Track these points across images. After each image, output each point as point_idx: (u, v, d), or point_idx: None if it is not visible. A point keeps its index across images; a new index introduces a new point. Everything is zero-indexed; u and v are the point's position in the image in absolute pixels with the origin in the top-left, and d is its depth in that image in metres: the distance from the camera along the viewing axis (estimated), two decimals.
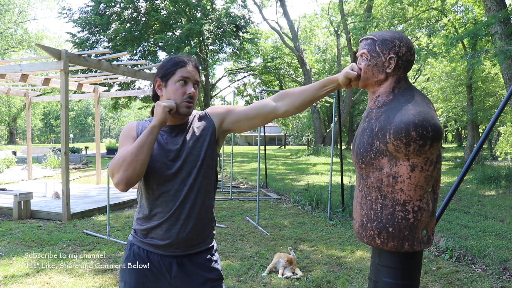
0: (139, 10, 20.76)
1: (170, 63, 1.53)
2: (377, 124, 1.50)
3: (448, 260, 4.07)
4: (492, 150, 18.11)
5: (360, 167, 1.57)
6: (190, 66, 1.53)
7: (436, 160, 1.46)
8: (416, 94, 1.52)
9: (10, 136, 42.81)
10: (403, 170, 1.43)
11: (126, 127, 1.58)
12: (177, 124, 1.56)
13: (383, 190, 1.48)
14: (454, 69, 19.55)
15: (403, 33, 1.58)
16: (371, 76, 1.55)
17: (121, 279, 1.57)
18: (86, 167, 15.50)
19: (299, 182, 10.74)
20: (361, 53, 1.57)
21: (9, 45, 30.57)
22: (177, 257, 1.53)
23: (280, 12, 39.08)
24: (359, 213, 1.60)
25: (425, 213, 1.47)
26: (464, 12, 16.91)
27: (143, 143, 1.40)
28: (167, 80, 1.52)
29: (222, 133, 1.61)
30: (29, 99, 10.60)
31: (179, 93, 1.50)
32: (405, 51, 1.52)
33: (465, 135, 35.70)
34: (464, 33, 8.94)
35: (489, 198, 7.89)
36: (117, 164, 1.39)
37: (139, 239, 1.55)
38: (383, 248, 1.51)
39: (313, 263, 4.00)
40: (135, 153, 1.38)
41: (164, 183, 1.49)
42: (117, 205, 6.95)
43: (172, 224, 1.49)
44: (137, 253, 1.54)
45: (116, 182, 1.39)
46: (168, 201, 1.49)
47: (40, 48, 6.78)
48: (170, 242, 1.50)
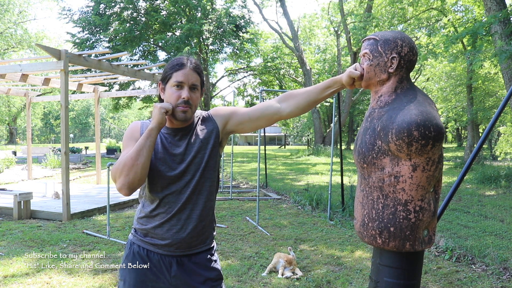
0: (139, 10, 20.76)
1: (169, 66, 1.53)
2: (379, 124, 1.50)
3: (448, 260, 4.07)
4: (492, 150, 18.11)
5: (362, 166, 1.57)
6: (187, 69, 1.50)
7: (438, 160, 1.46)
8: (419, 94, 1.52)
9: (10, 136, 42.81)
10: (405, 170, 1.43)
11: (129, 128, 1.57)
12: (181, 127, 1.55)
13: (384, 189, 1.48)
14: (454, 69, 19.54)
15: (405, 33, 1.58)
16: (374, 76, 1.55)
17: (120, 278, 1.57)
18: (86, 167, 15.49)
19: (299, 182, 10.74)
20: (363, 53, 1.57)
21: (9, 45, 30.56)
22: (177, 257, 1.53)
23: (280, 12, 39.12)
24: (360, 212, 1.59)
25: (426, 213, 1.47)
26: (464, 12, 16.91)
27: (142, 146, 1.39)
28: (166, 84, 1.52)
29: (225, 135, 1.61)
30: (29, 99, 10.60)
31: (174, 97, 1.49)
32: (407, 51, 1.52)
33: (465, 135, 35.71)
34: (464, 32, 8.93)
35: (489, 198, 7.89)
36: (118, 169, 1.39)
37: (139, 238, 1.56)
38: (384, 248, 1.51)
39: (313, 263, 4.00)
40: (135, 157, 1.38)
41: (168, 185, 1.49)
42: (117, 205, 6.96)
43: (173, 225, 1.50)
44: (137, 252, 1.55)
45: (119, 187, 1.39)
46: (170, 202, 1.50)
47: (40, 48, 6.78)
48: (170, 242, 1.50)
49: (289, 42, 25.47)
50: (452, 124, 28.63)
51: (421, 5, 15.56)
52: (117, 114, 57.10)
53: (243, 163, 18.74)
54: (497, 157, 16.59)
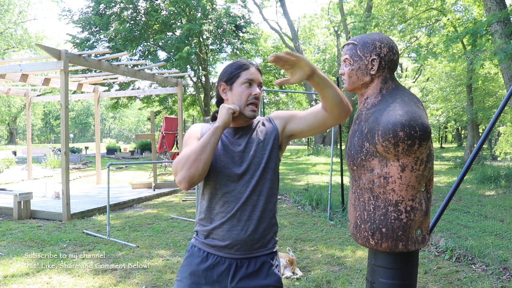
0: (139, 10, 20.76)
1: (234, 66, 1.56)
2: (366, 126, 1.50)
3: (448, 260, 4.07)
4: (492, 150, 18.12)
5: (352, 169, 1.58)
6: (253, 68, 1.56)
7: (426, 159, 1.46)
8: (404, 93, 1.53)
9: (10, 136, 42.81)
10: (393, 171, 1.44)
11: (191, 129, 1.63)
12: (241, 126, 1.58)
13: (375, 191, 1.49)
14: (454, 69, 19.53)
15: (384, 34, 1.60)
16: (357, 80, 1.57)
17: (177, 278, 1.59)
18: (86, 167, 15.49)
19: (299, 182, 10.74)
20: (344, 58, 1.60)
21: (9, 45, 30.56)
22: (237, 259, 1.51)
23: (280, 12, 39.11)
24: (353, 214, 1.60)
25: (418, 212, 1.47)
26: (464, 12, 16.91)
27: (207, 142, 1.42)
28: (232, 83, 1.54)
29: (285, 138, 1.62)
30: (29, 99, 10.61)
31: (245, 94, 1.52)
32: (386, 51, 1.53)
33: (465, 135, 35.67)
34: (464, 31, 8.94)
35: (489, 198, 7.89)
36: (181, 162, 1.43)
37: (200, 240, 1.57)
38: (378, 249, 1.52)
39: (313, 263, 4.00)
40: (199, 152, 1.41)
41: (227, 183, 1.51)
42: (117, 205, 6.96)
43: (233, 225, 1.49)
44: (198, 255, 1.56)
45: (179, 179, 1.42)
46: (229, 201, 1.50)
47: (40, 48, 6.78)
48: (231, 243, 1.49)
49: (289, 42, 25.46)
50: (452, 124, 28.58)
51: (421, 5, 15.56)
52: (118, 114, 57.12)
53: None
54: (497, 157, 16.60)
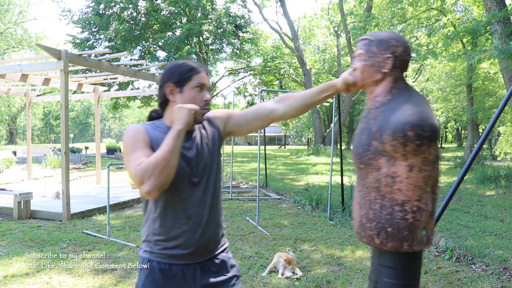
0: (138, 10, 20.76)
1: (184, 68, 1.48)
2: (375, 124, 1.50)
3: (448, 260, 4.07)
4: (492, 150, 18.12)
5: (359, 167, 1.58)
6: (204, 72, 1.51)
7: (434, 160, 1.46)
8: (414, 94, 1.53)
9: (10, 136, 42.82)
10: (401, 170, 1.43)
11: (132, 131, 1.45)
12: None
13: (381, 190, 1.48)
14: (454, 69, 19.54)
15: (400, 34, 1.60)
16: (368, 76, 1.56)
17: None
18: (86, 167, 15.49)
19: (299, 182, 10.74)
20: (358, 53, 1.59)
21: (9, 45, 30.58)
22: (201, 263, 1.51)
23: (280, 12, 39.02)
24: (358, 213, 1.60)
25: (424, 213, 1.47)
26: (464, 12, 16.91)
27: (174, 147, 1.34)
28: (183, 86, 1.46)
29: (224, 137, 1.63)
30: (29, 99, 10.60)
31: (197, 99, 1.47)
32: (401, 51, 1.53)
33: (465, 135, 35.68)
34: (463, 30, 8.93)
35: (489, 198, 7.89)
36: (148, 171, 1.31)
37: (157, 253, 1.47)
38: (383, 248, 1.52)
39: (313, 263, 4.00)
40: (167, 158, 1.32)
41: (183, 189, 1.45)
42: (117, 205, 6.95)
43: (194, 231, 1.47)
44: (158, 269, 1.46)
45: (148, 189, 1.31)
46: (187, 207, 1.46)
47: (40, 48, 6.78)
48: (194, 250, 1.47)
49: (289, 42, 25.46)
50: (452, 124, 28.61)
51: (421, 5, 15.56)
52: (118, 114, 57.12)
53: (243, 163, 18.74)
54: (497, 157, 16.60)
